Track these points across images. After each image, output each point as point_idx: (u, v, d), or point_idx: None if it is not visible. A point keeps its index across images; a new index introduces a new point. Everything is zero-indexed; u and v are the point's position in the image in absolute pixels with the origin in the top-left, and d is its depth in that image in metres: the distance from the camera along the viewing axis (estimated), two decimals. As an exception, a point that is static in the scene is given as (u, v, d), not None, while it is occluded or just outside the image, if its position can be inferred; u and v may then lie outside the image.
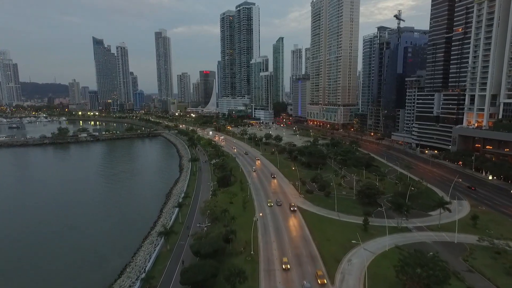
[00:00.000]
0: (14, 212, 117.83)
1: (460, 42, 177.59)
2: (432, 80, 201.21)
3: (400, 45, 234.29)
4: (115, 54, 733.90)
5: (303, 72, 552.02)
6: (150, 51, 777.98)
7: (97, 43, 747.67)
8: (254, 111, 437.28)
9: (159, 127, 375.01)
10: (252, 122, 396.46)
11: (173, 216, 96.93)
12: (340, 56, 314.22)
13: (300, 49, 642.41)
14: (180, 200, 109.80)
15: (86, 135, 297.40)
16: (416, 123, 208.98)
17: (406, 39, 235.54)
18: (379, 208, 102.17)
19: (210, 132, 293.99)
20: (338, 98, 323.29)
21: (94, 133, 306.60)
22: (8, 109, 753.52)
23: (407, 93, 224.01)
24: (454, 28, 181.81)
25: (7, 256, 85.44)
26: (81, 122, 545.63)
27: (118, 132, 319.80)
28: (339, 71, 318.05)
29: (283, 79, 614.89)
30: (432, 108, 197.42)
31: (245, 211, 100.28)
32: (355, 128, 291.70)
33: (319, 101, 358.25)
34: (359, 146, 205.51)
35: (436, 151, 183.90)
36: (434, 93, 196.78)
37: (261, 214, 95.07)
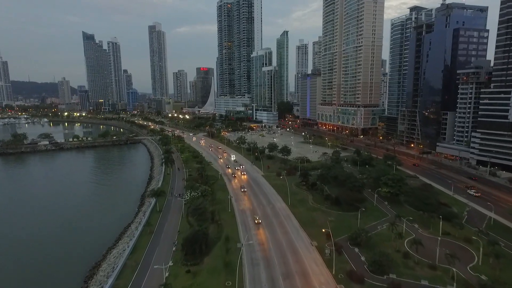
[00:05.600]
0: None
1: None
2: (504, 72, 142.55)
3: (449, 27, 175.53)
4: (107, 50, 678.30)
5: (310, 69, 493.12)
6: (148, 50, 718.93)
7: (87, 38, 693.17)
8: (256, 112, 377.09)
9: (144, 131, 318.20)
10: (252, 125, 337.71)
11: None
12: (360, 46, 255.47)
13: (306, 44, 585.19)
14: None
15: (47, 142, 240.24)
16: (477, 132, 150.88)
17: (456, 19, 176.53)
18: None
19: (233, 157, 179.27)
20: (357, 97, 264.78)
21: (57, 140, 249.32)
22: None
23: (460, 91, 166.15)
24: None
25: None
26: (66, 123, 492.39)
27: (89, 138, 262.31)
28: (359, 64, 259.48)
29: (287, 77, 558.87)
30: (506, 111, 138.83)
31: None
32: (381, 135, 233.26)
33: (333, 101, 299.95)
34: (399, 164, 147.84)
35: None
36: (509, 90, 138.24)
37: None
